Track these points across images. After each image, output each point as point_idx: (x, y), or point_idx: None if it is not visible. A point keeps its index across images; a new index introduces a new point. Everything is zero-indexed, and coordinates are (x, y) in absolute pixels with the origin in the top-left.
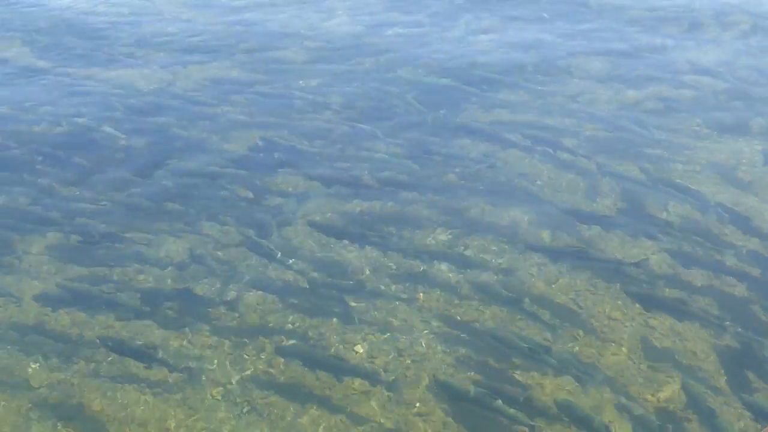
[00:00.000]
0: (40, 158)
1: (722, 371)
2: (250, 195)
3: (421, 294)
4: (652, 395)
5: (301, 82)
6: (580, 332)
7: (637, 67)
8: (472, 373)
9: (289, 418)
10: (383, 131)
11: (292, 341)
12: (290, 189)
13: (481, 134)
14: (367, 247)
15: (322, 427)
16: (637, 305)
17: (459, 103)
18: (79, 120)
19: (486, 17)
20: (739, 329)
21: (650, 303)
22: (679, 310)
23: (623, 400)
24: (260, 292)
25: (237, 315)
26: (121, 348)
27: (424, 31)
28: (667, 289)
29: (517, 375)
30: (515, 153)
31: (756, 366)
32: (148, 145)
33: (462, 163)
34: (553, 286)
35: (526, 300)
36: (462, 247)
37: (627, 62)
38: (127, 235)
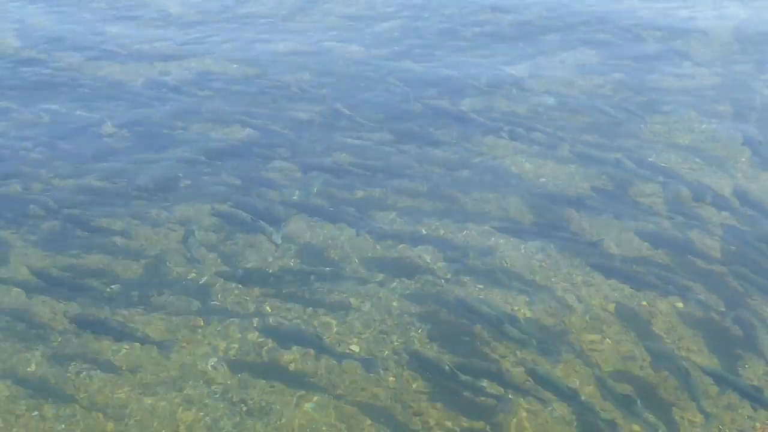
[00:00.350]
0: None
1: (690, 339)
2: (237, 182)
3: (398, 277)
4: (619, 361)
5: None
6: (553, 304)
7: None
8: (445, 347)
9: (266, 398)
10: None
11: (269, 322)
12: (276, 176)
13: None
14: (347, 230)
15: (299, 402)
16: (610, 280)
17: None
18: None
19: None
20: (704, 298)
21: (619, 276)
22: (646, 282)
23: (590, 367)
24: (241, 275)
25: (215, 299)
26: (94, 329)
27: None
28: (637, 264)
29: (488, 347)
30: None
31: (719, 333)
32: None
33: (443, 149)
34: (527, 262)
35: (499, 274)
36: (441, 230)
37: None
38: (105, 221)
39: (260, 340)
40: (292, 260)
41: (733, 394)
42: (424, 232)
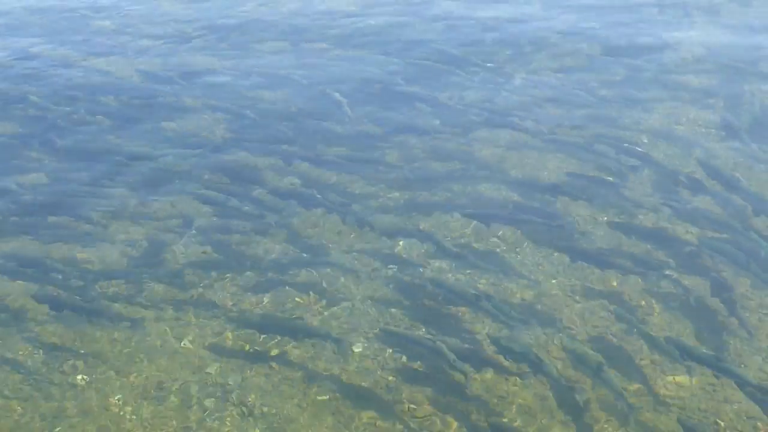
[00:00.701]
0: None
1: (657, 314)
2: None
3: (374, 263)
4: (588, 332)
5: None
6: (522, 281)
7: None
8: (419, 323)
9: (246, 377)
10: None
11: (245, 307)
12: (256, 164)
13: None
14: (328, 217)
15: (278, 381)
16: (578, 261)
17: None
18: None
19: None
20: (676, 276)
21: (588, 257)
22: (615, 265)
23: (559, 338)
24: (219, 259)
25: (192, 287)
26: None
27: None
28: (608, 245)
29: (460, 322)
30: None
31: (687, 307)
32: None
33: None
34: (498, 243)
35: (469, 255)
36: (415, 214)
37: None
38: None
39: (235, 324)
40: (268, 248)
41: (695, 363)
42: (406, 222)
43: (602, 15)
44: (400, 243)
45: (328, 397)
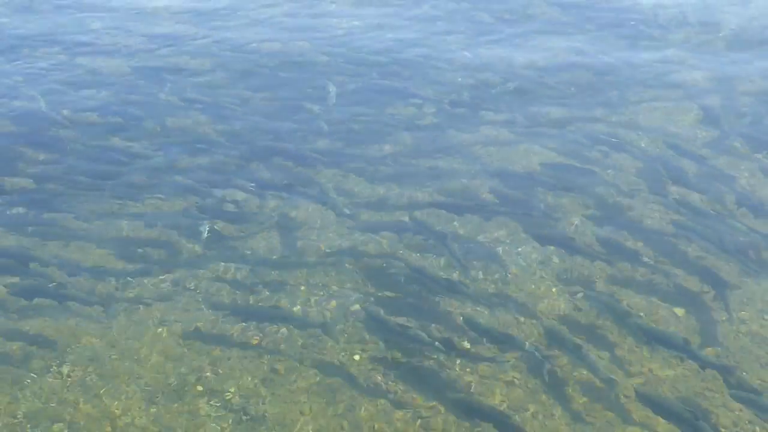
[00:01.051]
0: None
1: (633, 298)
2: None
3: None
4: (561, 312)
5: None
6: (496, 266)
7: None
8: (398, 308)
9: (227, 361)
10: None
11: (221, 295)
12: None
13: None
14: (310, 205)
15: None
16: (551, 245)
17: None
18: None
19: None
20: (648, 260)
21: (560, 243)
22: (580, 249)
23: (534, 319)
24: (198, 249)
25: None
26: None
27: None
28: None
29: (439, 306)
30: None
31: (665, 292)
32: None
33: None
34: (474, 232)
35: (449, 243)
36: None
37: None
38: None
39: (213, 311)
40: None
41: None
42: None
43: None
44: (381, 231)
45: (309, 381)
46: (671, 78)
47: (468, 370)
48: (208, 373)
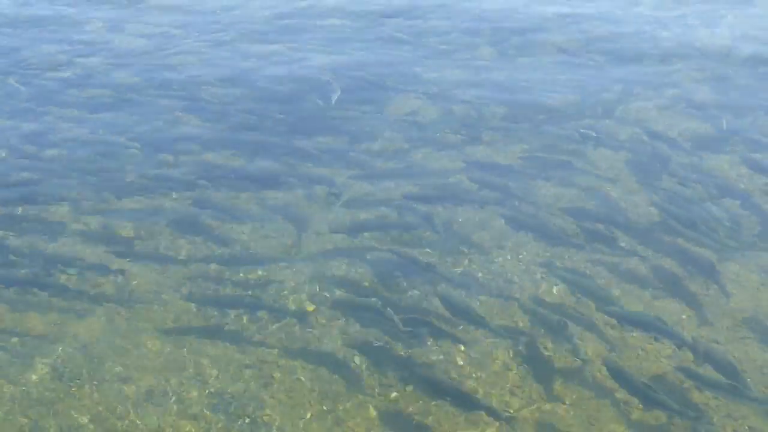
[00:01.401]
0: None
1: (613, 284)
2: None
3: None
4: (545, 296)
5: None
6: (473, 252)
7: None
8: (373, 288)
9: (206, 351)
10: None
11: (198, 284)
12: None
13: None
14: (294, 192)
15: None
16: (530, 233)
17: None
18: None
19: None
20: (626, 246)
21: (536, 230)
22: (559, 238)
23: (514, 300)
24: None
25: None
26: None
27: None
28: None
29: (415, 289)
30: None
31: (644, 278)
32: None
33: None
34: (455, 218)
35: (427, 229)
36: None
37: None
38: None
39: (190, 303)
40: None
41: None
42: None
43: None
44: (360, 215)
45: (288, 369)
46: None
47: (444, 349)
48: (197, 368)
